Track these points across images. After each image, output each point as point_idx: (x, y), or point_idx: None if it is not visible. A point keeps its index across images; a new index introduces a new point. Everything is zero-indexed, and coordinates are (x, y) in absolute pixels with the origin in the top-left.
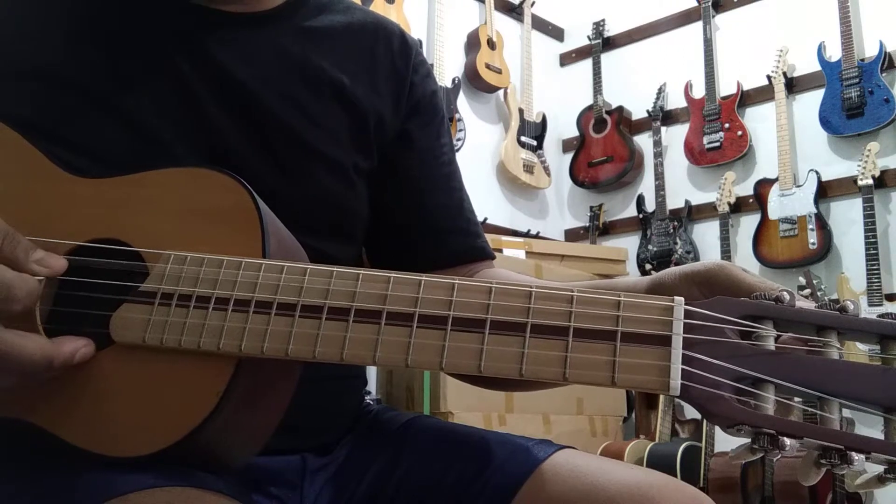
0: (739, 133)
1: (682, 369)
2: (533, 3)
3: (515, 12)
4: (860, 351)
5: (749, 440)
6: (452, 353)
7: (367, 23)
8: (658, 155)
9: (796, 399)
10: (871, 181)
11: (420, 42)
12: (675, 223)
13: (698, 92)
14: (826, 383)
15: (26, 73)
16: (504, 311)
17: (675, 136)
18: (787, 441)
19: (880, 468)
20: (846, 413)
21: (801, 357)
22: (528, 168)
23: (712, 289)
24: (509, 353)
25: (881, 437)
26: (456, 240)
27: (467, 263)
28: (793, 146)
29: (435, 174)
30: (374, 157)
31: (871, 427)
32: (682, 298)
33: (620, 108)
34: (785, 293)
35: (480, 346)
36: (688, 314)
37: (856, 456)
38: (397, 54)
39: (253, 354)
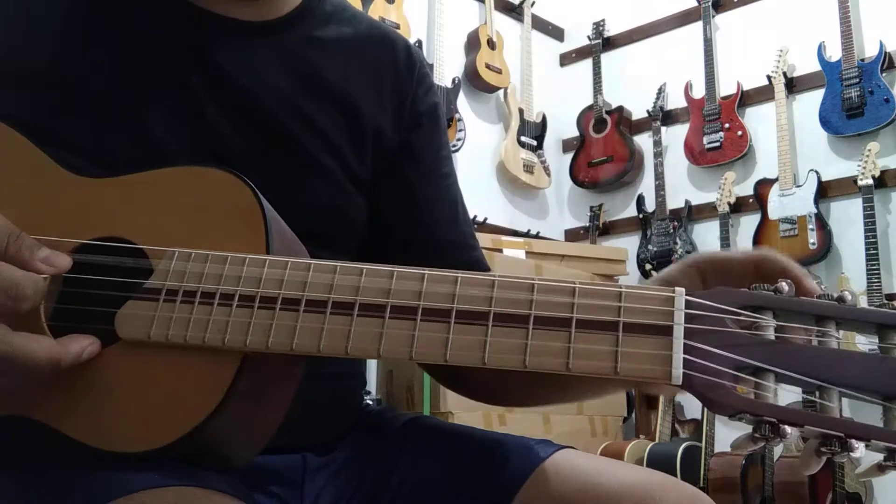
0: (739, 133)
1: (684, 358)
2: (533, 3)
3: (515, 12)
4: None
5: (750, 429)
6: (456, 346)
7: (374, 35)
8: (658, 155)
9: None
10: (871, 181)
11: (420, 42)
12: (675, 223)
13: (698, 92)
14: (825, 372)
15: (37, 78)
16: (507, 303)
17: (675, 136)
18: (788, 429)
19: (880, 456)
20: (845, 412)
21: (800, 346)
22: (528, 168)
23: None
24: (513, 344)
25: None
26: (451, 253)
27: None
28: (793, 146)
29: (433, 187)
30: (370, 168)
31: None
32: (683, 289)
33: (620, 108)
34: (784, 283)
35: (484, 338)
36: (689, 304)
37: (856, 443)
38: (402, 67)
39: (258, 349)
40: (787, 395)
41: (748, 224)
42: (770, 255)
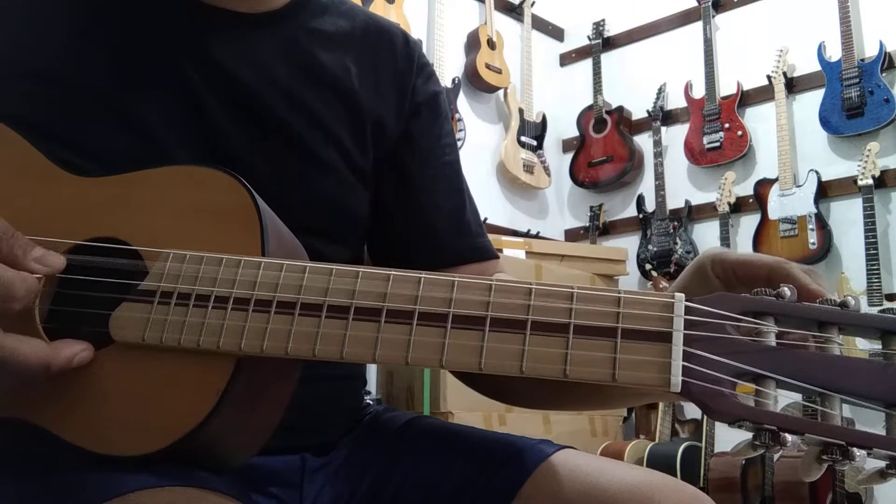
0: (739, 133)
1: (683, 366)
2: (533, 3)
3: (515, 12)
4: (860, 350)
5: (750, 436)
6: (452, 351)
7: (371, 27)
8: (658, 155)
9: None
10: (871, 181)
11: (420, 42)
12: (675, 223)
13: (698, 92)
14: (827, 379)
15: (36, 76)
16: (504, 308)
17: (675, 136)
18: (789, 437)
19: (882, 464)
20: (846, 413)
21: (801, 353)
22: (528, 168)
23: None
24: (509, 350)
25: (882, 433)
26: (455, 240)
27: (468, 263)
28: (793, 146)
29: (435, 175)
30: (371, 160)
31: (870, 426)
32: (683, 295)
33: (620, 108)
34: (786, 289)
35: (480, 343)
36: (688, 310)
37: (857, 451)
38: (401, 57)
39: (252, 353)
40: (788, 399)
41: (748, 224)
42: (787, 265)
